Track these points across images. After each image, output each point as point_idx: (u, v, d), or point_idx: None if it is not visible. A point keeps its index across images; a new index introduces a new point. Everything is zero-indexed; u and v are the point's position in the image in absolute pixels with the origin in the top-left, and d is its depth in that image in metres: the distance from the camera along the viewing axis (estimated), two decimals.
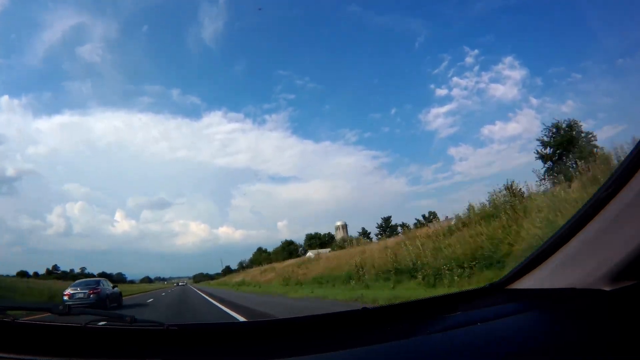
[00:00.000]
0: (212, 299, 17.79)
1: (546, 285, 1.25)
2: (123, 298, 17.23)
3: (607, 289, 1.06)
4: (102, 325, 1.21)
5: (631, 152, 0.98)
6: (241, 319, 8.35)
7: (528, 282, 1.34)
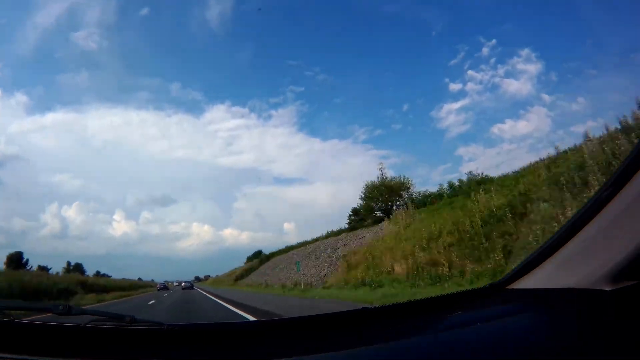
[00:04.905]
0: None
1: (546, 285, 1.25)
2: None
3: (607, 289, 1.05)
4: (102, 325, 1.21)
5: (631, 152, 0.98)
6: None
7: (528, 282, 1.34)
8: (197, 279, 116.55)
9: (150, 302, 18.33)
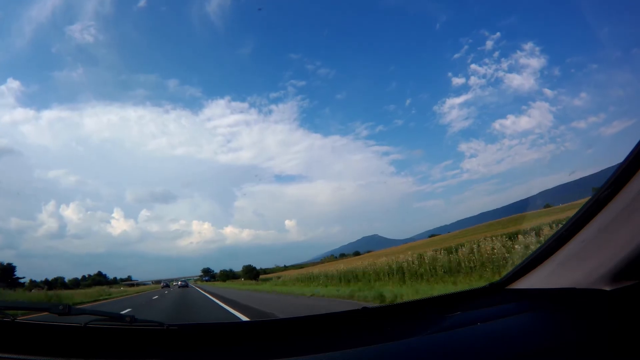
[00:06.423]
0: None
1: (546, 285, 1.25)
2: None
3: (607, 289, 1.06)
4: (102, 325, 1.21)
5: (631, 152, 0.98)
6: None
7: (528, 282, 1.34)
8: (209, 274, 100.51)
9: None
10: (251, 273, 77.55)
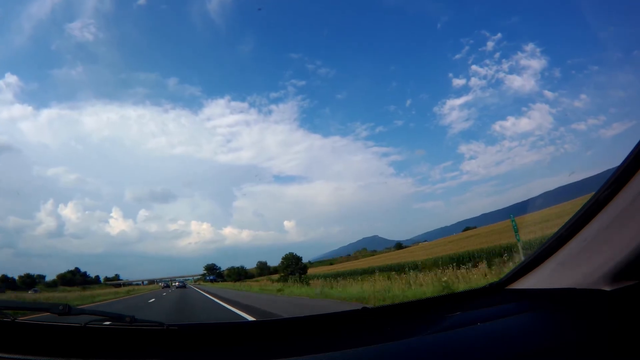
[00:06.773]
0: None
1: (546, 285, 1.25)
2: None
3: (607, 289, 1.05)
4: (102, 325, 1.21)
5: (631, 152, 0.98)
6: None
7: (528, 282, 1.34)
8: (215, 272, 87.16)
9: None
10: (294, 267, 45.88)
